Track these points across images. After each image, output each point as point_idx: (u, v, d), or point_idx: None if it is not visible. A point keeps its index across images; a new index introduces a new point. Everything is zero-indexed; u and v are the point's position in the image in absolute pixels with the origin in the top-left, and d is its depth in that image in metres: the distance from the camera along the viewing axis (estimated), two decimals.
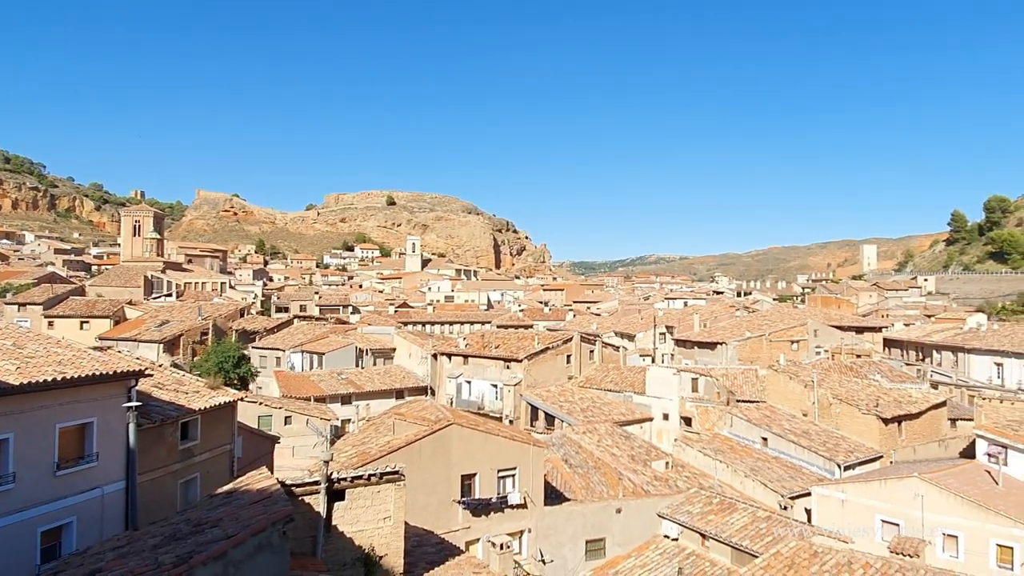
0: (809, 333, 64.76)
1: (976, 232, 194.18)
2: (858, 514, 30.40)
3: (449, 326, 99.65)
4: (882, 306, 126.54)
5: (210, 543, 11.81)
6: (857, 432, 40.63)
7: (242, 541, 11.49)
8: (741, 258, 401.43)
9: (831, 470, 36.85)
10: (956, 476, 29.59)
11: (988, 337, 72.78)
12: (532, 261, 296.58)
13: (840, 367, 52.33)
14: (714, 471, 35.90)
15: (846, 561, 21.50)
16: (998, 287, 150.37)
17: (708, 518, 27.98)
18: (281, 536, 12.29)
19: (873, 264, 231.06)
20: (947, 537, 27.74)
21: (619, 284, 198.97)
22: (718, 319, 75.45)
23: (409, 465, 22.60)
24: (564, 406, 47.08)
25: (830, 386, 44.08)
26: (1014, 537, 26.09)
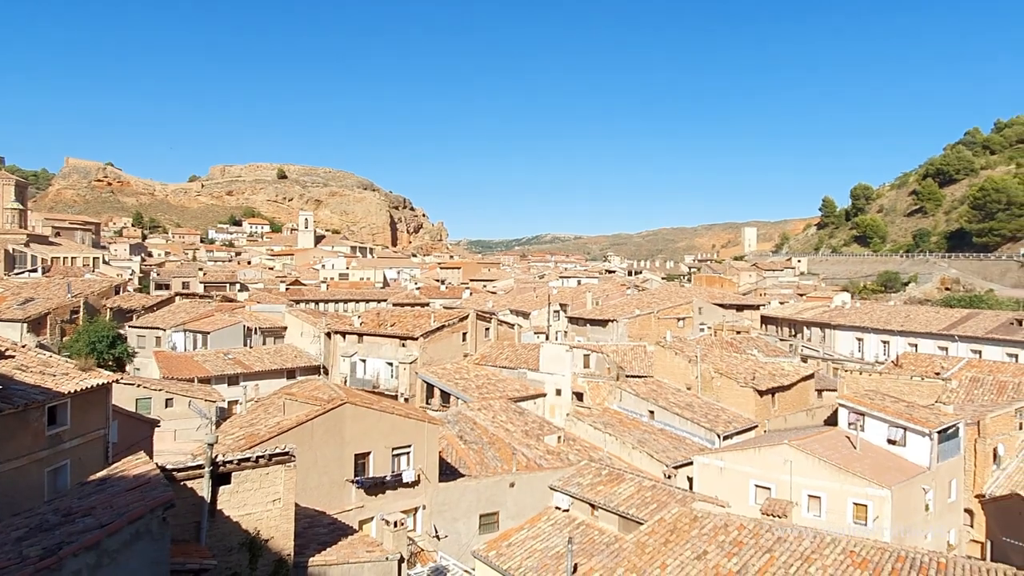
0: (694, 311, 67.93)
1: (843, 217, 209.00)
2: (735, 480, 32.38)
3: (344, 304, 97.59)
4: (760, 285, 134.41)
5: (81, 533, 11.14)
6: (736, 404, 43.19)
7: (117, 530, 10.91)
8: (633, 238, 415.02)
9: (712, 440, 39.05)
10: (821, 442, 32.04)
11: (851, 314, 78.95)
12: (429, 239, 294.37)
13: (722, 343, 55.32)
14: (604, 444, 37.22)
15: (723, 524, 22.92)
16: (861, 268, 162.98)
17: (597, 489, 29.03)
18: (161, 523, 11.77)
19: (753, 246, 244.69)
20: (811, 498, 30.07)
21: (515, 263, 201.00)
22: (610, 297, 77.80)
23: (300, 446, 22.11)
24: (459, 383, 47.30)
25: (712, 361, 46.52)
26: (868, 496, 28.64)
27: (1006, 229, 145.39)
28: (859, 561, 20.51)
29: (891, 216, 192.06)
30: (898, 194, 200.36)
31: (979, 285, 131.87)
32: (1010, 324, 65.65)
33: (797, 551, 21.21)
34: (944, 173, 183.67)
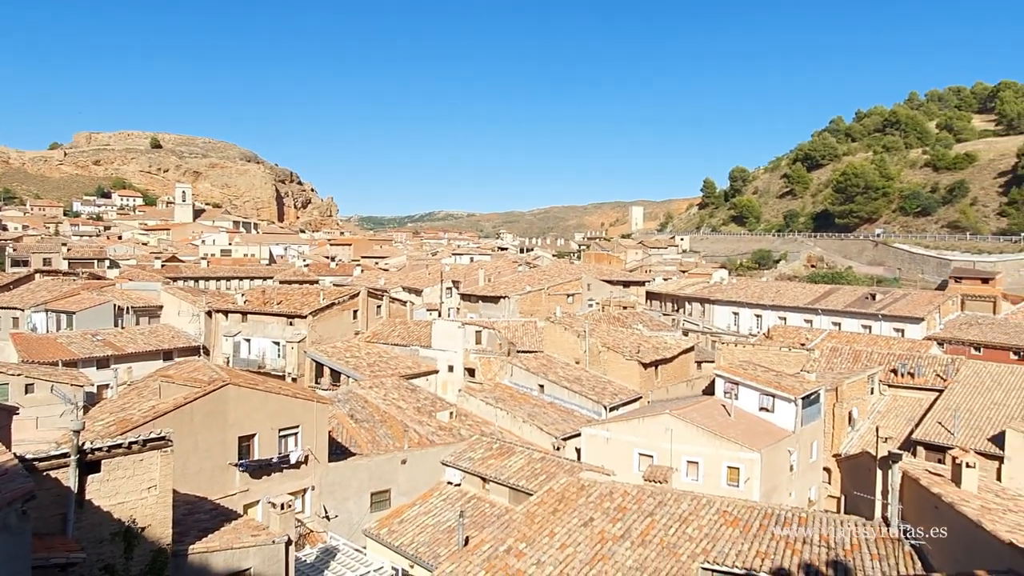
0: (583, 287, 69.75)
1: (723, 198, 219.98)
2: (620, 449, 33.75)
3: (226, 282, 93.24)
4: (646, 262, 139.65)
5: None
6: (622, 376, 44.88)
7: None
8: (525, 216, 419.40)
9: (599, 411, 40.46)
10: (699, 411, 33.90)
11: (728, 290, 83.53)
12: (318, 215, 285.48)
13: (609, 318, 57.19)
14: (495, 418, 37.77)
15: (608, 492, 23.92)
16: (738, 246, 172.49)
17: (488, 463, 29.49)
18: (20, 516, 10.96)
19: (640, 224, 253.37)
20: (690, 463, 31.82)
21: (408, 240, 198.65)
22: (502, 274, 78.52)
23: (179, 430, 21.10)
24: (350, 361, 46.52)
25: (600, 335, 48.03)
26: (740, 459, 30.65)
27: (864, 211, 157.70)
28: (731, 520, 21.97)
29: (765, 198, 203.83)
30: (771, 177, 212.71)
31: (840, 263, 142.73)
32: (865, 298, 71.62)
33: (676, 513, 22.47)
34: (811, 158, 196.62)
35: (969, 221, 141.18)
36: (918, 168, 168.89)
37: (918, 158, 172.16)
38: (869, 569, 18.77)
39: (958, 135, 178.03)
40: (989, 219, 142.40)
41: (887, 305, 68.00)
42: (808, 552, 19.99)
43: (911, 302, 68.01)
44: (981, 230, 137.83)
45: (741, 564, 19.77)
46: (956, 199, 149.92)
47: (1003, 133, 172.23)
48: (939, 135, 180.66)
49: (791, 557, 19.80)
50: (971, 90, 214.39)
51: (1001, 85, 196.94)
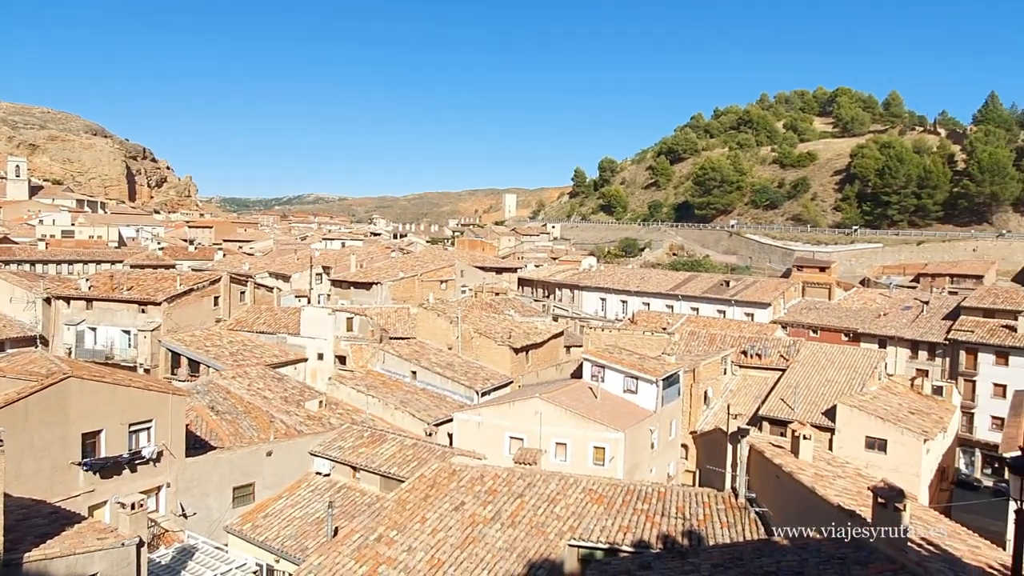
0: (457, 273, 69.86)
1: (592, 188, 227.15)
2: (492, 433, 34.26)
3: (69, 265, 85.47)
4: (518, 249, 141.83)
5: None
6: (494, 361, 45.46)
7: None
8: (398, 201, 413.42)
9: (471, 397, 40.80)
10: (567, 394, 35.00)
11: (596, 277, 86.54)
12: (175, 195, 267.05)
13: (482, 304, 57.67)
14: (367, 406, 37.19)
15: (479, 476, 24.20)
16: (606, 235, 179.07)
17: (359, 451, 29.01)
18: None
19: (513, 212, 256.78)
20: (559, 445, 32.85)
21: (275, 223, 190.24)
22: (374, 260, 77.11)
23: (11, 428, 19.26)
24: (211, 351, 44.12)
25: (472, 321, 48.36)
26: (605, 439, 31.99)
27: (720, 203, 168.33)
28: (596, 497, 22.88)
29: (632, 188, 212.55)
30: (638, 168, 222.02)
31: (699, 251, 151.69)
32: (720, 285, 76.54)
33: (544, 494, 23.10)
34: (674, 152, 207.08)
35: (810, 215, 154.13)
36: (767, 164, 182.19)
37: (767, 155, 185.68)
38: (719, 536, 20.17)
39: (802, 135, 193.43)
40: (827, 213, 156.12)
41: (739, 291, 73.05)
42: (666, 524, 21.20)
43: (760, 289, 73.45)
44: (820, 223, 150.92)
45: (605, 539, 20.66)
46: (799, 194, 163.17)
47: (839, 135, 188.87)
48: (785, 135, 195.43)
49: (651, 529, 20.92)
50: (813, 94, 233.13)
51: (839, 91, 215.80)
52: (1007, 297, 60.32)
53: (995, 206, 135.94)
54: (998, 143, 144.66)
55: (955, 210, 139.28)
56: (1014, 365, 53.12)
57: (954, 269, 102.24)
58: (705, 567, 16.08)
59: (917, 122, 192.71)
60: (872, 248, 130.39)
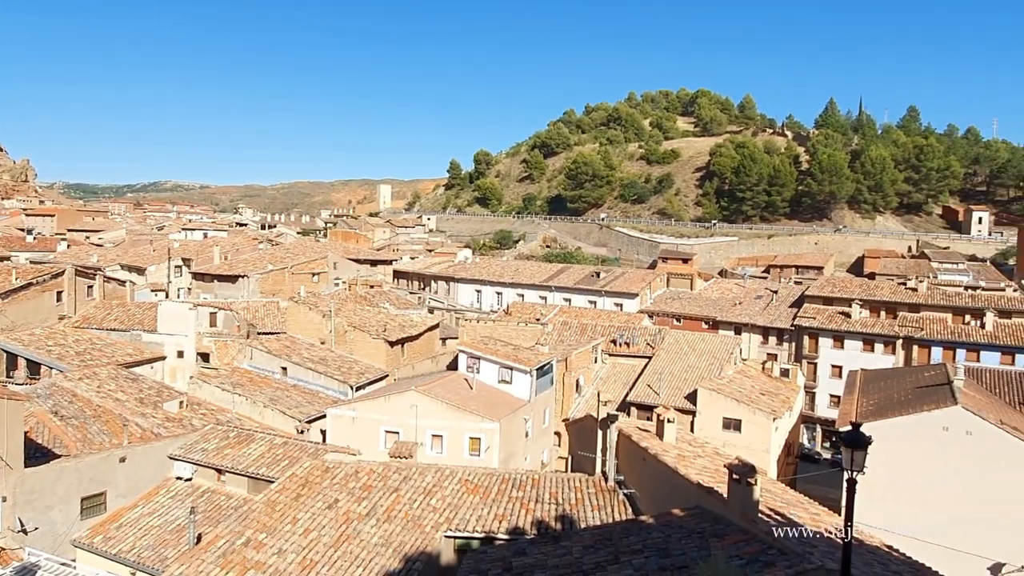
0: (330, 266, 67.93)
1: (468, 180, 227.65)
2: (367, 428, 33.68)
3: None
4: (394, 241, 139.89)
5: None
6: (368, 355, 44.65)
7: None
8: (267, 190, 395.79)
9: (345, 392, 39.88)
10: (443, 386, 35.00)
11: (472, 269, 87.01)
12: (10, 179, 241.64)
13: (356, 297, 56.47)
14: (233, 405, 35.47)
15: (353, 471, 23.75)
16: (481, 227, 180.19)
17: (224, 452, 27.65)
18: None
19: (388, 203, 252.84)
20: (435, 437, 32.79)
21: (128, 212, 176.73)
22: (240, 252, 73.47)
23: None
24: (53, 350, 40.39)
25: (346, 315, 47.24)
26: (481, 429, 32.29)
27: (591, 197, 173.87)
28: (472, 488, 23.09)
29: (506, 181, 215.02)
30: (512, 161, 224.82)
31: (571, 243, 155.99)
32: (591, 276, 79.16)
33: (421, 487, 23.04)
34: (548, 146, 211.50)
35: (674, 209, 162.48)
36: (635, 160, 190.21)
37: (635, 151, 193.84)
38: (590, 519, 20.95)
39: (666, 133, 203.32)
40: (689, 208, 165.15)
41: (609, 283, 75.87)
42: (540, 510, 21.75)
43: (628, 280, 76.63)
44: (683, 217, 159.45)
45: (481, 528, 20.91)
46: (664, 189, 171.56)
47: (700, 134, 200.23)
48: (652, 132, 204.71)
49: (525, 516, 21.38)
50: (676, 94, 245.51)
51: (699, 92, 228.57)
52: (843, 287, 66.46)
53: (833, 204, 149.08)
54: (836, 146, 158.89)
55: (800, 207, 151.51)
56: (849, 348, 58.69)
57: (799, 261, 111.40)
58: (577, 549, 16.66)
59: (768, 124, 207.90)
60: (729, 241, 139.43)
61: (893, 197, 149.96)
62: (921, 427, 28.56)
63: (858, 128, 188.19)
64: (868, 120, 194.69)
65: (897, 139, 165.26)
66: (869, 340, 58.12)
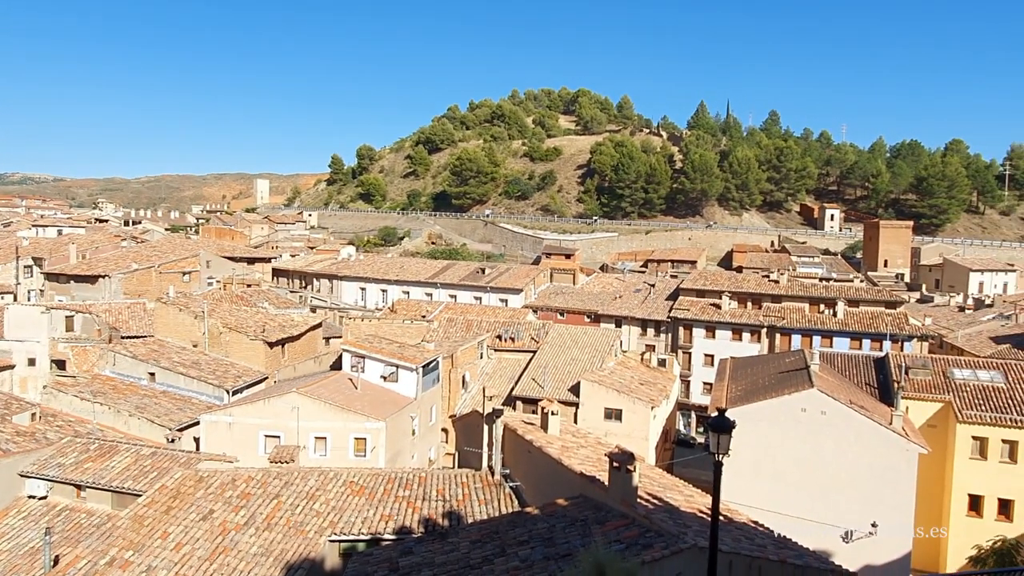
0: (202, 264, 64.41)
1: (350, 175, 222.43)
2: (245, 434, 32.26)
3: None
4: (272, 238, 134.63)
5: None
6: (246, 357, 42.77)
7: None
8: (130, 184, 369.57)
9: (221, 396, 38.00)
10: (326, 386, 34.09)
11: (356, 266, 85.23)
12: None
13: (231, 297, 53.88)
14: (94, 415, 32.97)
15: (230, 480, 22.69)
16: (365, 223, 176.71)
17: (85, 467, 25.67)
18: None
19: (266, 198, 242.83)
20: (318, 439, 31.90)
21: None
22: (101, 250, 68.26)
23: None
24: None
25: (221, 315, 45.01)
26: (367, 429, 31.73)
27: (476, 193, 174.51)
28: (358, 489, 22.65)
29: (391, 176, 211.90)
30: (396, 157, 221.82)
31: (456, 240, 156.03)
32: (476, 273, 79.51)
33: (303, 491, 22.35)
34: (432, 142, 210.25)
35: (557, 206, 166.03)
36: (519, 157, 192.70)
37: (519, 148, 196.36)
38: (478, 513, 21.07)
39: (549, 131, 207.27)
40: (571, 204, 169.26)
41: (494, 278, 76.49)
42: (427, 508, 21.65)
43: (513, 275, 77.58)
44: (565, 213, 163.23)
45: (368, 530, 20.55)
46: (547, 186, 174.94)
47: (581, 133, 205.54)
48: (534, 130, 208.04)
49: (412, 515, 21.22)
50: (558, 93, 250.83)
51: (580, 92, 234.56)
52: (714, 280, 70.32)
53: (705, 201, 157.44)
54: (706, 147, 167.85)
55: (675, 204, 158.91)
56: (720, 338, 62.21)
57: (674, 256, 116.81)
58: (464, 545, 16.73)
59: (644, 124, 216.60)
60: (609, 237, 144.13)
61: (757, 195, 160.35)
62: (783, 409, 30.75)
63: (726, 130, 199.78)
64: (735, 122, 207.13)
65: (760, 141, 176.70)
66: (737, 330, 61.85)
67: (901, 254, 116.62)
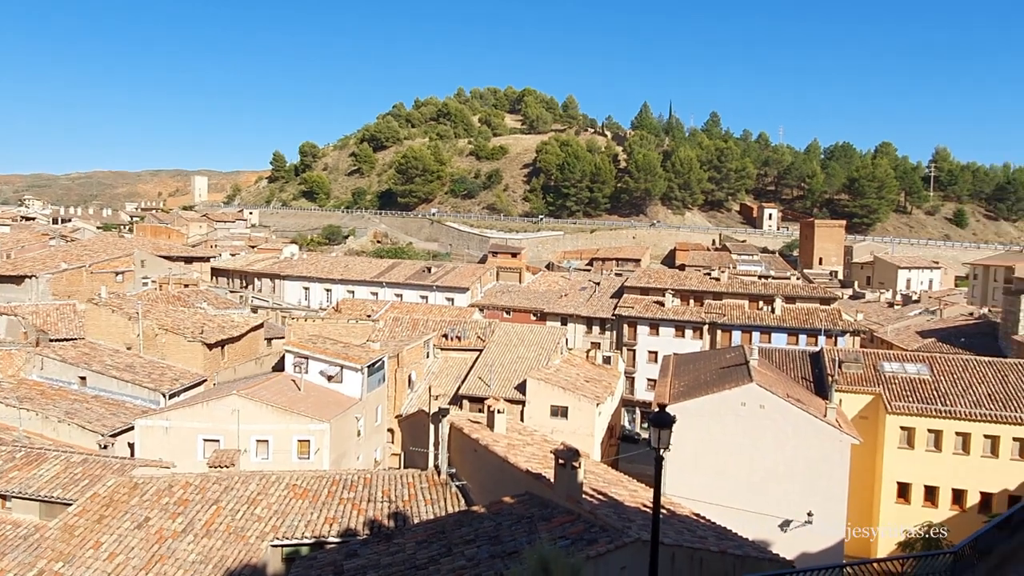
0: (136, 263, 62.24)
1: (293, 172, 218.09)
2: (183, 438, 31.31)
3: None
4: (211, 237, 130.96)
5: None
6: (184, 359, 41.52)
7: None
8: (59, 180, 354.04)
9: (157, 400, 36.80)
10: (268, 388, 33.37)
11: (299, 265, 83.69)
12: None
13: (168, 297, 52.26)
14: (19, 422, 31.50)
15: (167, 486, 22.00)
16: (309, 221, 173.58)
17: (10, 476, 24.50)
18: None
19: (204, 196, 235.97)
20: (260, 442, 31.20)
21: None
22: (27, 249, 65.28)
23: None
24: None
25: (157, 317, 43.59)
26: (310, 431, 31.19)
27: (422, 192, 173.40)
28: (301, 492, 22.26)
29: (335, 174, 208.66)
30: (340, 154, 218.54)
31: (402, 239, 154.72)
32: (422, 272, 79.02)
33: (244, 496, 21.83)
34: (377, 139, 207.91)
35: (503, 204, 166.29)
36: (465, 156, 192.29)
37: (465, 147, 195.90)
38: (424, 513, 20.96)
39: (495, 130, 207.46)
40: (517, 203, 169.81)
41: (440, 277, 76.15)
42: (372, 509, 21.42)
43: (459, 274, 77.37)
44: (512, 212, 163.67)
45: (311, 533, 20.22)
46: (493, 185, 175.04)
47: (527, 132, 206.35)
48: (480, 128, 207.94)
49: (357, 517, 20.97)
50: (504, 92, 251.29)
51: (526, 91, 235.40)
52: (657, 278, 71.55)
53: (648, 200, 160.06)
54: (649, 147, 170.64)
55: (619, 203, 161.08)
56: (663, 335, 63.32)
57: (619, 254, 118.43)
58: (410, 545, 16.61)
59: (589, 124, 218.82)
60: (555, 235, 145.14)
61: (699, 195, 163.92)
62: (723, 404, 31.49)
63: (669, 130, 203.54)
64: (677, 123, 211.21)
65: (702, 142, 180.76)
66: (680, 326, 63.05)
67: (835, 252, 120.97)
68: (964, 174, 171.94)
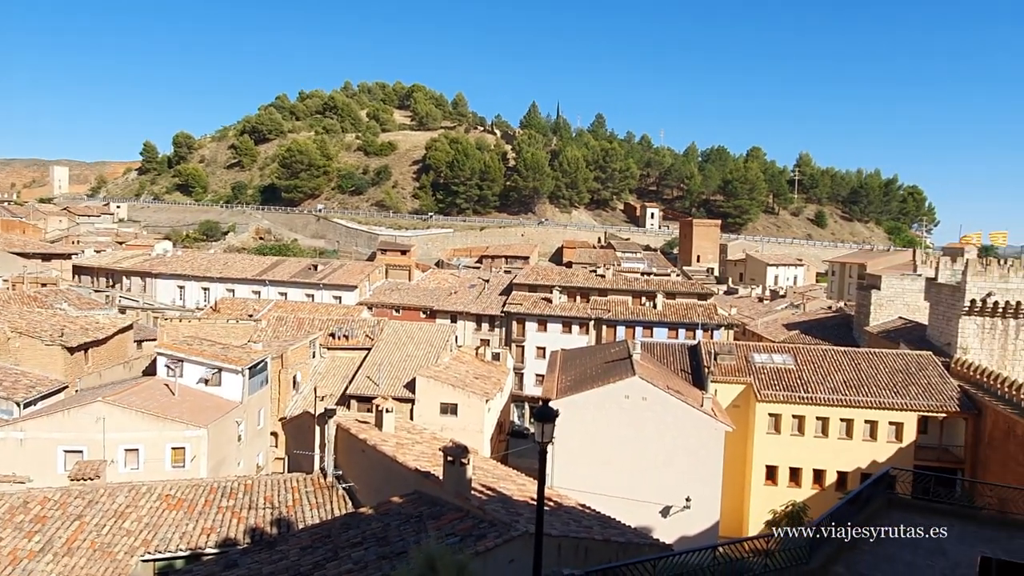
0: None
1: (166, 164, 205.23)
2: (40, 450, 28.94)
3: None
4: (73, 232, 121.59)
5: None
6: (41, 365, 38.26)
7: None
8: None
9: (9, 411, 33.68)
10: (138, 393, 31.36)
11: (173, 263, 79.16)
12: None
13: (23, 297, 48.14)
14: None
15: (21, 502, 20.28)
16: (184, 217, 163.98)
17: None
18: None
19: (65, 188, 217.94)
20: (129, 452, 29.29)
21: None
22: None
23: None
24: None
25: (9, 319, 39.96)
26: (185, 438, 29.59)
27: (307, 187, 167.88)
28: (175, 502, 21.10)
29: (212, 167, 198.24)
30: (219, 146, 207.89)
31: (287, 235, 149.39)
32: (308, 269, 76.75)
33: (111, 509, 20.47)
34: (259, 132, 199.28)
35: (392, 201, 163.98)
36: (352, 151, 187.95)
37: (352, 142, 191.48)
38: (309, 518, 20.38)
39: (383, 125, 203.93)
40: (407, 200, 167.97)
41: (327, 275, 74.21)
42: (254, 517, 20.60)
43: (347, 272, 75.70)
44: (401, 209, 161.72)
45: (186, 545, 19.21)
46: (382, 181, 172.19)
47: (416, 128, 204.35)
48: (369, 124, 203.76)
49: (237, 525, 20.10)
50: (392, 87, 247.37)
51: (414, 87, 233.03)
52: (545, 275, 72.95)
53: (537, 198, 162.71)
54: (538, 146, 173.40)
55: (508, 201, 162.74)
56: (551, 331, 64.61)
57: (508, 251, 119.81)
58: (294, 552, 16.15)
59: (479, 122, 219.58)
60: (445, 233, 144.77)
61: (585, 193, 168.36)
62: (608, 397, 32.56)
63: (556, 130, 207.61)
64: (565, 123, 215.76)
65: (588, 142, 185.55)
66: (567, 322, 64.57)
67: (711, 250, 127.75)
68: (824, 178, 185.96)
